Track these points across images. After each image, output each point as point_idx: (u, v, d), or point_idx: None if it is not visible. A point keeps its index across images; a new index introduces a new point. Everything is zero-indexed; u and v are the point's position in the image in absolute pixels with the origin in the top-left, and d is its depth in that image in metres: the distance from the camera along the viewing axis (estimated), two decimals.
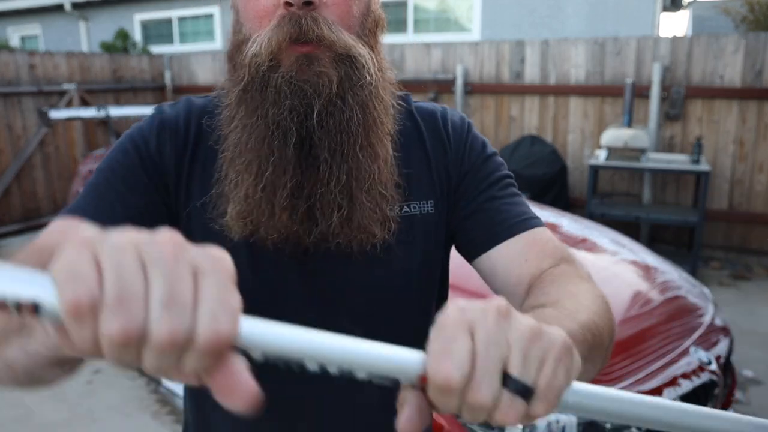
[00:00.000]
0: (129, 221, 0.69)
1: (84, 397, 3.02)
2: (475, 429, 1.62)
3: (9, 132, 5.95)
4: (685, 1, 8.81)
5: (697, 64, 5.00)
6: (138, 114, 5.10)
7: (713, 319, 2.19)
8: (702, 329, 2.08)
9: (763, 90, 4.79)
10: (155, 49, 9.40)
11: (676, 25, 29.38)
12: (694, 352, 1.95)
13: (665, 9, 8.07)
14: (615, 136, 4.76)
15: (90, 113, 4.96)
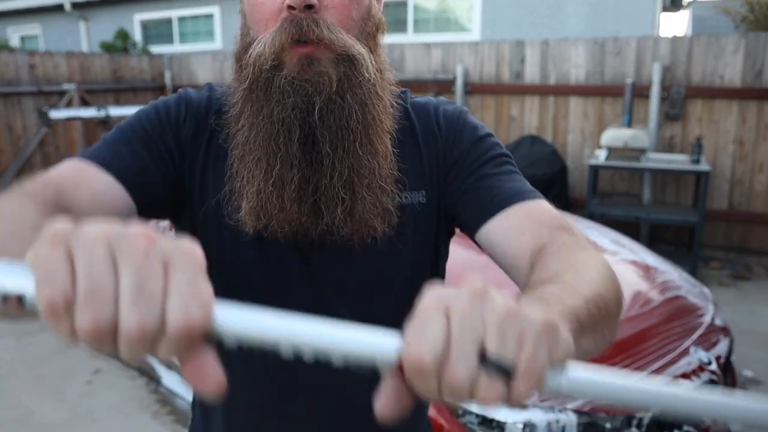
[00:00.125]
0: (138, 176, 0.74)
1: (84, 397, 3.02)
2: (475, 429, 1.62)
3: (9, 132, 5.95)
4: (685, 1, 8.81)
5: (697, 64, 5.00)
6: None
7: (713, 319, 2.19)
8: (702, 329, 2.09)
9: (763, 90, 4.79)
10: (155, 49, 9.40)
11: (676, 25, 29.37)
12: (694, 352, 1.95)
13: (665, 9, 8.08)
14: (615, 136, 4.76)
15: (90, 113, 4.97)
